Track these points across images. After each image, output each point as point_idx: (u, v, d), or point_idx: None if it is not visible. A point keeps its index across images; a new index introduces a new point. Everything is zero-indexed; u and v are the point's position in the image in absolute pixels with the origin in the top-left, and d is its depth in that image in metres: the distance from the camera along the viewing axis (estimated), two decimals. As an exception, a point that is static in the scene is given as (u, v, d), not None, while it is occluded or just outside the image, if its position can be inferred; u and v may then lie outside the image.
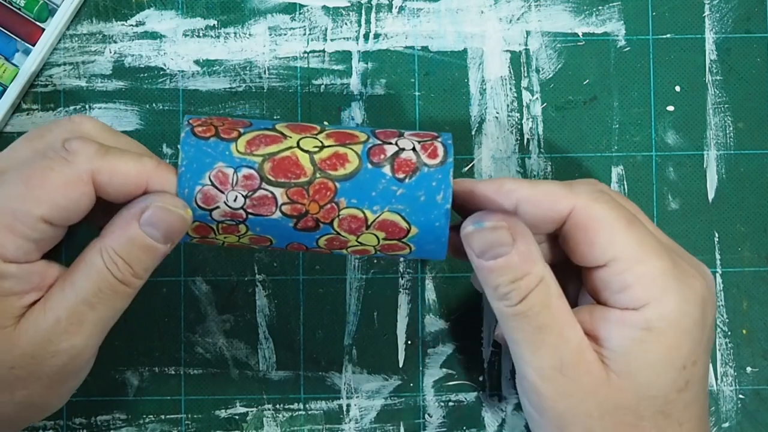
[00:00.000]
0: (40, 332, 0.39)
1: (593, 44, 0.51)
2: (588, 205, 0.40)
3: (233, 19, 0.51)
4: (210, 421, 0.50)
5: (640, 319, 0.39)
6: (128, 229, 0.39)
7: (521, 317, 0.40)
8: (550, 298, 0.40)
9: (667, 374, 0.40)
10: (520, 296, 0.40)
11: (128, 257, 0.39)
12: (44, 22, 0.50)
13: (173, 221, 0.39)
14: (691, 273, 0.40)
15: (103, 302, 0.40)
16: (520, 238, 0.40)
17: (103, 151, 0.39)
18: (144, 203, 0.39)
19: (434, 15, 0.51)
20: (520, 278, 0.39)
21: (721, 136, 0.51)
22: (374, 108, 0.51)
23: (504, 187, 0.41)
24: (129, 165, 0.39)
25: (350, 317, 0.50)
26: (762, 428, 0.50)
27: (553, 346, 0.40)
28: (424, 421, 0.50)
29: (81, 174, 0.39)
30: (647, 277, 0.39)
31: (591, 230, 0.40)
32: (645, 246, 0.40)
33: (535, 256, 0.40)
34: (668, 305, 0.39)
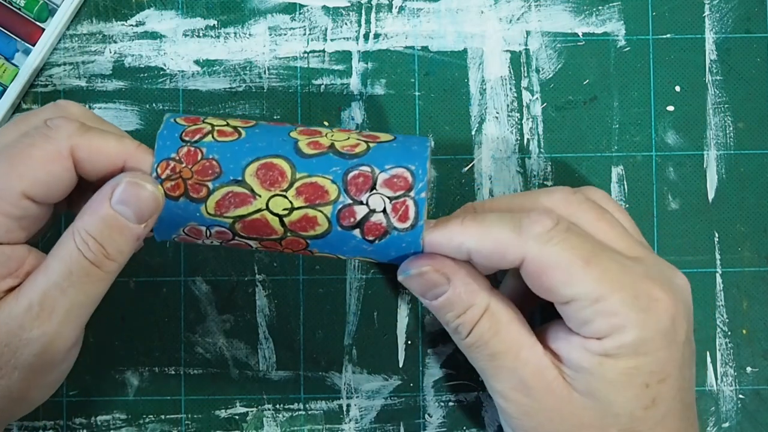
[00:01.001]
0: (12, 318, 0.39)
1: (593, 44, 0.51)
2: (539, 253, 0.39)
3: (233, 19, 0.51)
4: (210, 421, 0.50)
5: (598, 347, 0.40)
6: (100, 208, 0.39)
7: (474, 348, 0.42)
8: (498, 324, 0.41)
9: (628, 392, 0.40)
10: (467, 329, 0.41)
11: (100, 237, 0.39)
12: (44, 22, 0.50)
13: (145, 197, 0.39)
14: (655, 296, 0.40)
15: (75, 286, 0.39)
16: (454, 275, 0.41)
17: (83, 129, 0.40)
18: (115, 181, 0.39)
19: (434, 15, 0.51)
20: (464, 312, 0.41)
21: (721, 136, 0.51)
22: (374, 108, 0.51)
23: (453, 242, 0.41)
24: (109, 143, 0.40)
25: (350, 317, 0.50)
26: (762, 428, 0.50)
27: (510, 370, 0.41)
28: (424, 421, 0.50)
29: (61, 149, 0.39)
30: (606, 313, 0.39)
31: (545, 277, 0.40)
32: (604, 282, 0.39)
33: (474, 288, 0.41)
34: (627, 336, 0.39)
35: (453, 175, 0.51)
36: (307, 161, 0.40)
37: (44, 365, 0.40)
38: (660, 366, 0.40)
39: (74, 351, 0.41)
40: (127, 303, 0.50)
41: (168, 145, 0.41)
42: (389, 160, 0.41)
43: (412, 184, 0.40)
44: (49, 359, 0.40)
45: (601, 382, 0.40)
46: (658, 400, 0.40)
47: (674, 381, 0.40)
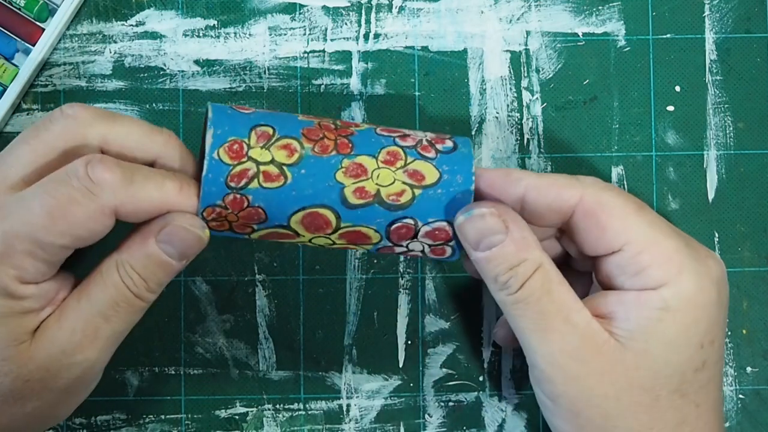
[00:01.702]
0: (55, 345, 0.39)
1: (593, 44, 0.51)
2: (596, 193, 0.40)
3: (233, 19, 0.51)
4: (210, 421, 0.50)
5: (657, 298, 0.39)
6: (145, 245, 0.39)
7: (523, 305, 0.40)
8: (550, 283, 0.40)
9: (684, 352, 0.40)
10: (519, 283, 0.40)
11: (144, 273, 0.40)
12: (44, 22, 0.50)
13: (190, 240, 0.40)
14: (705, 254, 0.41)
15: (118, 315, 0.40)
16: (512, 224, 0.40)
17: (127, 181, 0.39)
18: (163, 221, 0.40)
19: (434, 15, 0.51)
20: (517, 265, 0.40)
21: (721, 136, 0.51)
22: (374, 108, 0.51)
23: (511, 176, 0.41)
24: (153, 195, 0.39)
25: (350, 317, 0.50)
26: (762, 428, 0.50)
27: (559, 332, 0.40)
28: (424, 421, 0.50)
29: (104, 208, 0.39)
30: (662, 258, 0.40)
31: (602, 216, 0.40)
32: (657, 228, 0.40)
33: (531, 242, 0.40)
34: (685, 284, 0.39)
35: (453, 175, 0.50)
36: (352, 212, 0.41)
37: (80, 387, 0.41)
38: (712, 326, 0.40)
39: (103, 371, 0.42)
40: (127, 303, 0.50)
41: (214, 192, 0.40)
42: (432, 213, 0.41)
43: (452, 235, 0.41)
44: (85, 381, 0.41)
45: (660, 340, 0.39)
46: (708, 363, 0.40)
47: (720, 346, 0.41)
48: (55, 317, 0.40)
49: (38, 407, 0.40)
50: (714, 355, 0.41)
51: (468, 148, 0.42)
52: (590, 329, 0.40)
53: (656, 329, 0.39)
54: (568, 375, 0.40)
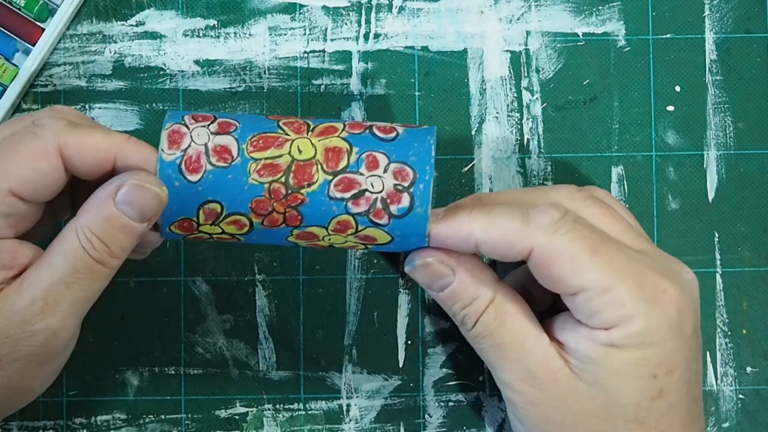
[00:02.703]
0: (15, 312, 0.39)
1: (593, 44, 0.51)
2: (547, 243, 0.40)
3: (233, 19, 0.51)
4: (210, 421, 0.50)
5: (606, 337, 0.40)
6: (104, 208, 0.39)
7: (480, 338, 0.42)
8: (503, 315, 0.41)
9: (635, 383, 0.40)
10: (473, 320, 0.42)
11: (104, 236, 0.39)
12: (44, 22, 0.50)
13: (148, 199, 0.39)
14: (662, 288, 0.40)
15: (80, 282, 0.39)
16: (459, 267, 0.41)
17: (71, 126, 0.40)
18: (119, 181, 0.39)
19: (434, 15, 0.51)
20: (470, 303, 0.42)
21: (721, 136, 0.51)
22: (374, 108, 0.51)
23: (461, 232, 0.41)
24: (96, 137, 0.40)
25: (350, 317, 0.50)
26: (762, 428, 0.50)
27: (516, 360, 0.41)
28: (424, 421, 0.50)
29: (47, 146, 0.39)
30: (614, 303, 0.39)
31: (553, 266, 0.40)
32: (611, 272, 0.40)
33: (480, 279, 0.42)
34: (634, 326, 0.40)
35: (453, 175, 0.51)
36: None
37: (45, 356, 0.40)
38: (667, 357, 0.40)
39: (73, 341, 0.42)
40: (127, 303, 0.50)
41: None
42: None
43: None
44: (51, 350, 0.40)
45: (608, 372, 0.40)
46: (665, 392, 0.40)
47: (681, 373, 0.41)
48: (16, 284, 0.39)
49: (5, 377, 0.40)
50: (674, 383, 0.40)
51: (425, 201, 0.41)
52: (546, 356, 0.41)
53: (604, 362, 0.40)
54: (527, 401, 0.42)
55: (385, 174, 0.41)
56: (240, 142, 0.41)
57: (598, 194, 0.44)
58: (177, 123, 0.41)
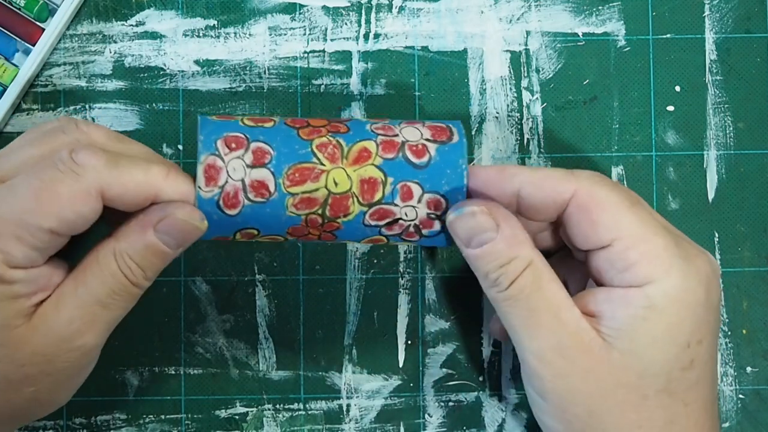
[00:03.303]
0: (53, 331, 0.40)
1: (593, 44, 0.51)
2: (590, 187, 0.41)
3: (233, 19, 0.51)
4: (210, 421, 0.50)
5: (642, 296, 0.40)
6: (144, 235, 0.40)
7: (513, 301, 0.41)
8: (540, 280, 0.40)
9: (670, 351, 0.40)
10: (509, 280, 0.40)
11: (142, 262, 0.40)
12: (44, 22, 0.50)
13: (189, 231, 0.40)
14: (695, 253, 0.41)
15: (116, 303, 0.41)
16: (503, 222, 0.40)
17: (111, 164, 0.39)
18: (162, 213, 0.40)
19: (434, 15, 0.51)
20: (508, 263, 0.40)
21: (721, 136, 0.51)
22: (374, 108, 0.51)
23: (506, 172, 0.41)
24: (138, 178, 0.40)
25: (350, 317, 0.50)
26: (762, 428, 0.50)
27: (548, 329, 0.40)
28: (424, 421, 0.50)
29: (89, 189, 0.39)
30: (650, 255, 0.40)
31: (594, 211, 0.40)
32: (648, 225, 0.40)
33: (521, 240, 0.40)
34: (671, 282, 0.39)
35: (453, 175, 0.51)
36: None
37: (77, 372, 0.42)
38: (700, 326, 0.40)
39: (98, 355, 0.43)
40: (127, 303, 0.50)
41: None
42: None
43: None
44: (84, 365, 0.42)
45: (645, 339, 0.40)
46: (696, 362, 0.40)
47: (709, 345, 0.41)
48: (52, 304, 0.40)
49: (35, 392, 0.41)
50: (703, 355, 0.40)
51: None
52: (579, 327, 0.40)
53: (641, 328, 0.40)
54: (555, 372, 0.40)
55: (419, 204, 0.41)
56: (276, 176, 0.41)
57: None
58: (212, 154, 0.41)
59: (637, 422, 0.40)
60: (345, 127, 0.42)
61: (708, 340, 0.41)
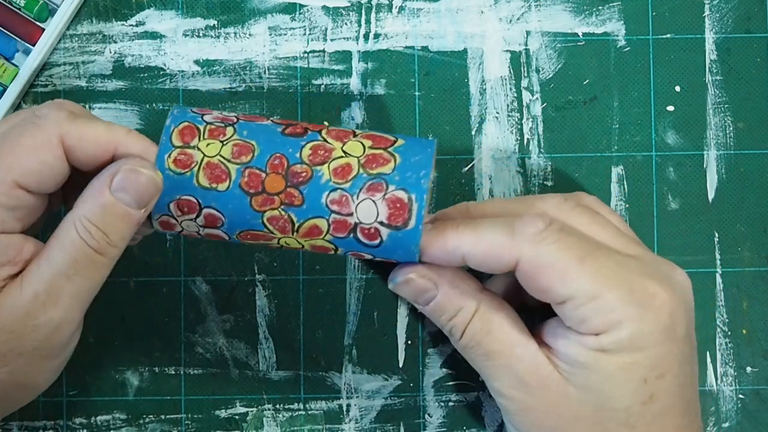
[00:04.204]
0: (17, 307, 0.39)
1: (593, 44, 0.51)
2: (533, 254, 0.40)
3: (233, 19, 0.51)
4: (210, 421, 0.50)
5: (596, 343, 0.40)
6: (100, 196, 0.39)
7: (469, 348, 0.43)
8: (490, 325, 0.42)
9: (625, 387, 0.40)
10: (460, 331, 0.42)
11: (102, 225, 0.39)
12: (44, 22, 0.50)
13: (144, 183, 0.39)
14: (652, 292, 0.40)
15: (80, 273, 0.39)
16: (441, 280, 0.42)
17: (72, 117, 0.40)
18: (113, 168, 0.40)
19: (434, 15, 0.51)
20: (455, 314, 0.42)
21: (721, 136, 0.51)
22: (374, 108, 0.51)
23: (447, 246, 0.41)
24: (98, 129, 0.40)
25: (350, 317, 0.50)
26: (762, 428, 0.50)
27: (505, 368, 0.42)
28: (424, 421, 0.50)
29: (50, 136, 0.39)
30: (603, 310, 0.39)
31: (540, 277, 0.40)
32: (599, 279, 0.40)
33: (462, 291, 0.42)
34: (623, 332, 0.39)
35: (453, 175, 0.51)
36: None
37: (50, 350, 0.40)
38: (658, 361, 0.40)
39: (77, 334, 0.42)
40: (127, 303, 0.50)
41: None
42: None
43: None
44: (55, 344, 0.40)
45: (598, 377, 0.40)
46: (657, 396, 0.40)
47: (674, 377, 0.40)
48: (17, 280, 0.40)
49: (11, 373, 0.40)
50: (667, 387, 0.40)
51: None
52: (535, 362, 0.41)
53: (595, 366, 0.40)
54: (519, 407, 0.42)
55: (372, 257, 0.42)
56: (230, 235, 0.42)
57: (587, 201, 0.44)
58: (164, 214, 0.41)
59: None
60: (299, 196, 0.40)
61: (673, 371, 0.40)
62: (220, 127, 0.41)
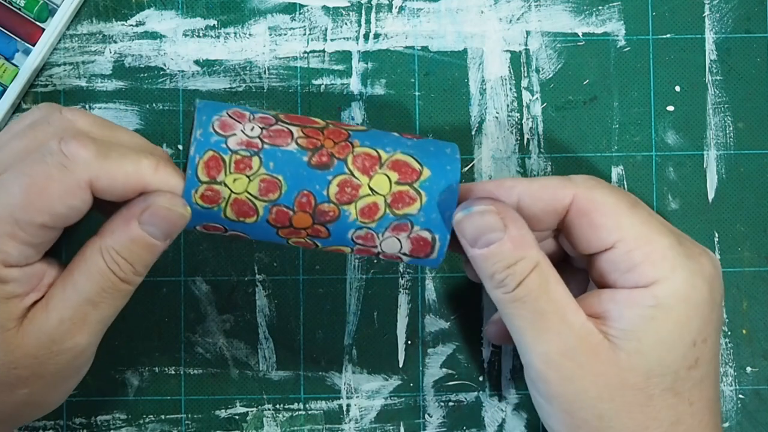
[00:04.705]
0: (43, 333, 0.39)
1: (593, 44, 0.51)
2: (588, 192, 0.41)
3: (233, 19, 0.51)
4: (210, 421, 0.50)
5: (649, 296, 0.39)
6: (129, 229, 0.39)
7: (520, 303, 0.40)
8: (547, 283, 0.40)
9: (677, 350, 0.40)
10: (516, 282, 0.40)
11: (130, 257, 0.39)
12: (44, 22, 0.50)
13: (173, 219, 0.40)
14: (698, 252, 0.41)
15: (106, 301, 0.40)
16: (511, 223, 0.40)
17: (101, 156, 0.39)
18: (144, 203, 0.39)
19: (434, 15, 0.51)
20: (515, 263, 0.40)
21: (721, 136, 0.51)
22: (374, 108, 0.51)
23: (504, 185, 0.41)
24: (128, 169, 0.39)
25: (350, 317, 0.50)
26: (762, 428, 0.50)
27: (555, 331, 0.40)
28: (424, 421, 0.50)
29: (80, 182, 0.39)
30: (655, 255, 0.40)
31: (595, 214, 0.40)
32: (650, 225, 0.40)
33: (529, 241, 0.40)
34: (677, 281, 0.39)
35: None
36: None
37: (70, 373, 0.41)
38: (705, 324, 0.40)
39: (93, 356, 0.42)
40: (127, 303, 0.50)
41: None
42: None
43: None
44: (75, 367, 0.41)
45: (652, 339, 0.39)
46: (701, 361, 0.40)
47: (713, 344, 0.41)
48: (42, 305, 0.40)
49: (28, 395, 0.40)
50: (707, 353, 0.40)
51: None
52: (585, 330, 0.40)
53: (648, 327, 0.40)
54: (563, 375, 0.40)
55: None
56: None
57: None
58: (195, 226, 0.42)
59: (643, 422, 0.40)
60: (326, 231, 0.41)
61: (713, 338, 0.41)
62: (246, 158, 0.40)
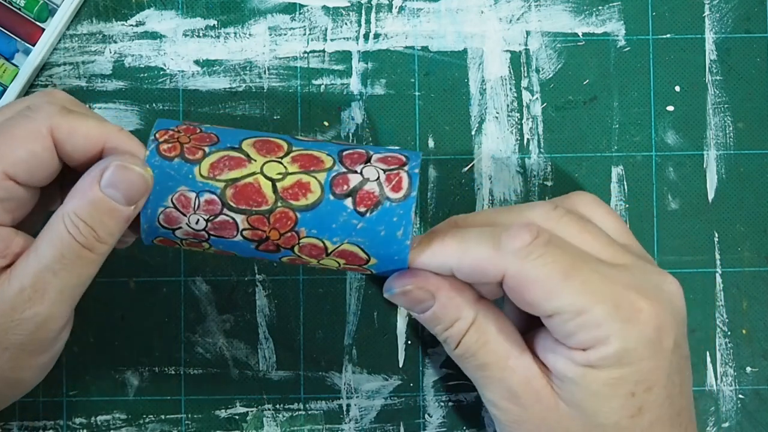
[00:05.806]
0: (3, 300, 0.39)
1: (593, 44, 0.51)
2: (518, 268, 0.40)
3: (233, 19, 0.51)
4: (210, 421, 0.50)
5: (583, 358, 0.40)
6: (89, 191, 0.39)
7: (463, 359, 0.42)
8: (486, 335, 0.42)
9: (612, 402, 0.40)
10: (455, 341, 0.42)
11: (91, 221, 0.39)
12: (44, 22, 0.50)
13: (133, 180, 0.39)
14: (638, 307, 0.40)
15: (67, 268, 0.39)
16: (438, 291, 0.42)
17: (64, 111, 0.40)
18: (103, 164, 0.39)
19: (434, 15, 0.51)
20: (450, 325, 0.42)
21: (721, 136, 0.51)
22: (374, 108, 0.51)
23: (435, 261, 0.41)
24: (89, 124, 0.40)
25: (350, 317, 0.50)
26: (762, 428, 0.50)
27: (498, 380, 0.42)
28: (424, 421, 0.50)
29: (40, 127, 0.39)
30: (589, 326, 0.39)
31: (526, 292, 0.40)
32: (584, 294, 0.39)
33: (459, 303, 0.42)
34: (610, 348, 0.39)
35: (453, 175, 0.51)
36: (303, 143, 0.42)
37: (36, 345, 0.40)
38: (645, 375, 0.40)
39: (65, 332, 0.42)
40: (127, 303, 0.50)
41: (167, 121, 0.42)
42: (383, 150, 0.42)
43: (406, 161, 0.41)
44: (41, 339, 0.40)
45: (586, 393, 0.40)
46: (645, 409, 0.40)
47: (662, 389, 0.40)
48: (5, 274, 0.39)
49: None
50: (655, 399, 0.40)
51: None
52: (529, 374, 0.41)
53: (583, 382, 0.40)
54: (511, 419, 0.42)
55: None
56: None
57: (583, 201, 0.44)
58: None
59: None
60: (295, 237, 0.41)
61: (661, 383, 0.40)
62: (195, 243, 0.42)
